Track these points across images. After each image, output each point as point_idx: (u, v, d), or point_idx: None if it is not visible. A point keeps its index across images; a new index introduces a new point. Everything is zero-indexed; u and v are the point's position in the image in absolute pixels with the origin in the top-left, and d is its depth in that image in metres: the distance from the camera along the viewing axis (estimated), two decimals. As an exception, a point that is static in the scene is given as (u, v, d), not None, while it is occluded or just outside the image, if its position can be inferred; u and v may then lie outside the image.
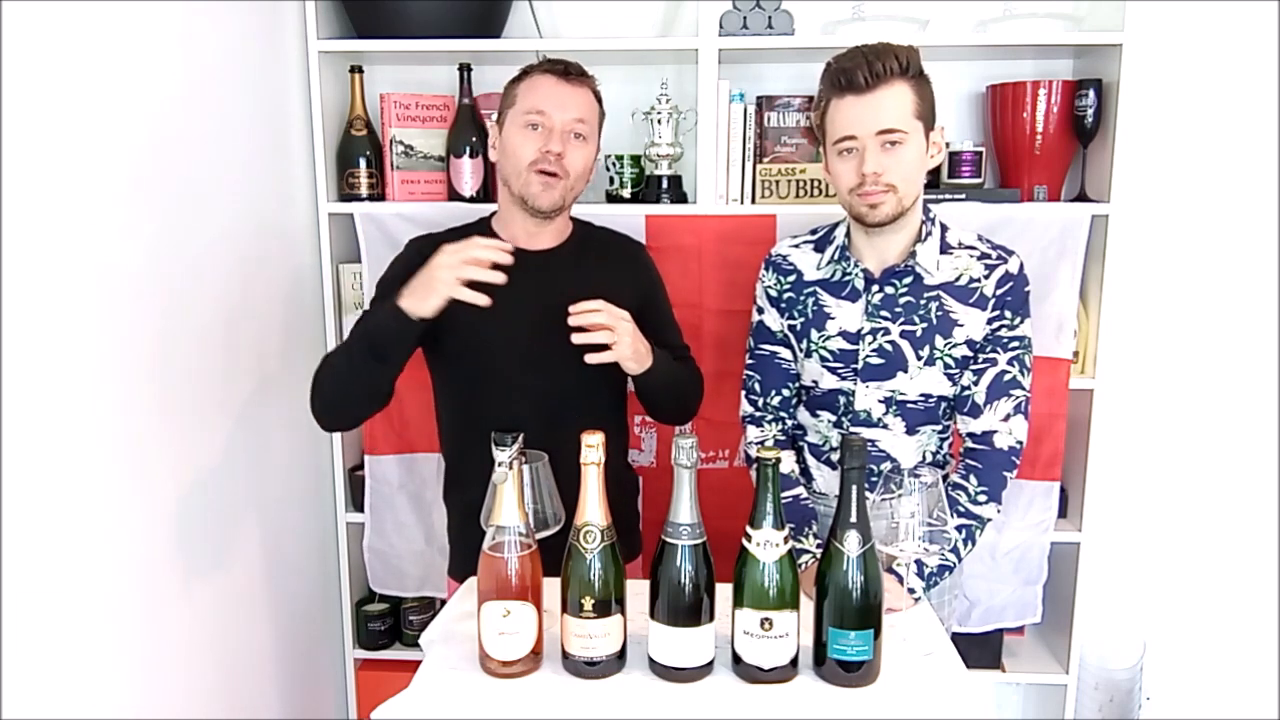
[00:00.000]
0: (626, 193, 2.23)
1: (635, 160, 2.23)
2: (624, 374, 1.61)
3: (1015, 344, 1.60)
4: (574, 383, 1.59)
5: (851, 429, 1.64)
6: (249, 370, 1.89)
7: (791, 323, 1.69)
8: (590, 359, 1.51)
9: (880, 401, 1.63)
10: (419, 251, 1.67)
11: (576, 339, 1.50)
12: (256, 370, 1.92)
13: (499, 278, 1.46)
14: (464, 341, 1.61)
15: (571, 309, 1.51)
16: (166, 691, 1.61)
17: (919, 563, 1.53)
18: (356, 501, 2.33)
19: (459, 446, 1.73)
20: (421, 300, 1.46)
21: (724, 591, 1.27)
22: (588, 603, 1.24)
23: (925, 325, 1.59)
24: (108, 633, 1.45)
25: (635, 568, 1.79)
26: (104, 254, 1.42)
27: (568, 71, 1.61)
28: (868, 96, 1.49)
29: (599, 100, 1.67)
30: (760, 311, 1.73)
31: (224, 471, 1.79)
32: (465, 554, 1.75)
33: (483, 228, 1.72)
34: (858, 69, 1.48)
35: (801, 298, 1.67)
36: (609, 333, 1.50)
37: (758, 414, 1.74)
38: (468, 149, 2.18)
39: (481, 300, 1.45)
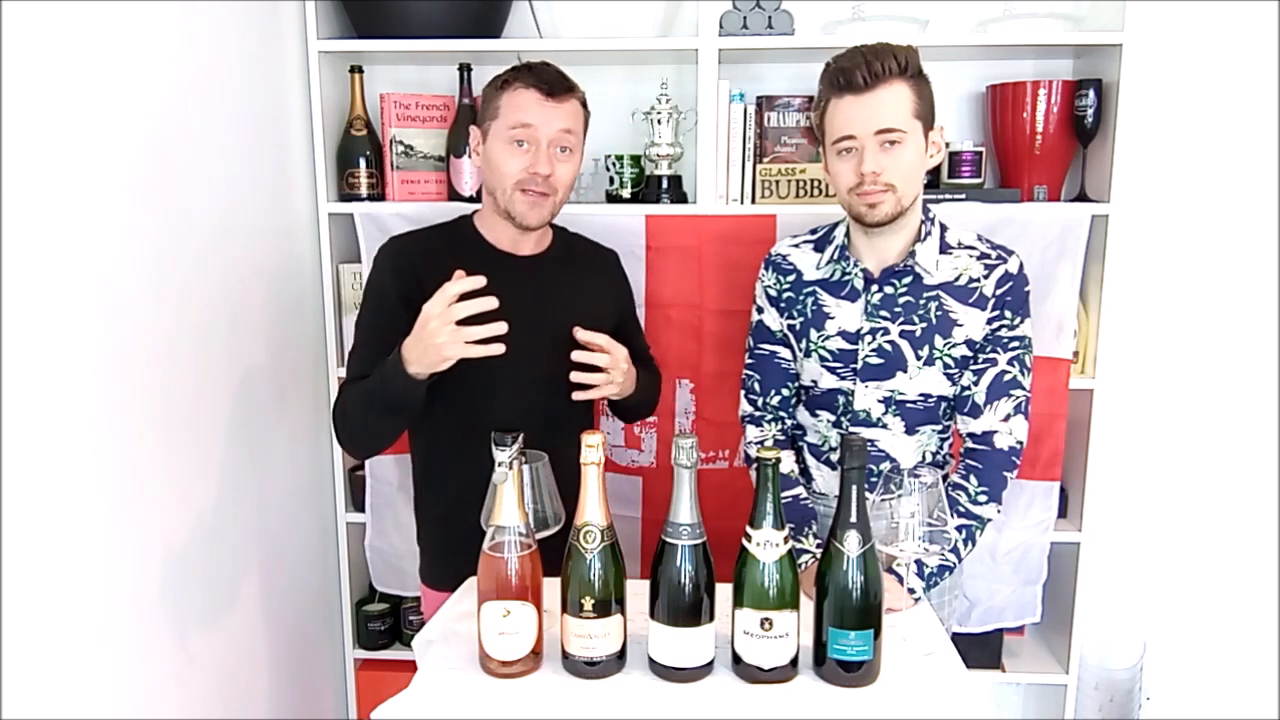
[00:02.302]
0: (626, 193, 2.23)
1: (635, 160, 2.23)
2: None
3: (1015, 344, 1.60)
4: (556, 386, 1.59)
5: (851, 429, 1.64)
6: (249, 370, 1.89)
7: (791, 322, 1.69)
8: (577, 396, 1.56)
9: (879, 401, 1.63)
10: (404, 253, 1.66)
11: (575, 376, 1.55)
12: (256, 370, 1.92)
13: (491, 303, 1.42)
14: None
15: (582, 337, 1.55)
16: (167, 691, 1.61)
17: (919, 563, 1.54)
18: (356, 501, 2.33)
19: (433, 453, 1.71)
20: (430, 367, 1.44)
21: (724, 591, 1.27)
22: (588, 603, 1.24)
23: (925, 325, 1.59)
24: (108, 632, 1.45)
25: None
26: (103, 255, 1.43)
27: (552, 91, 1.56)
28: (866, 96, 1.49)
29: (585, 106, 1.64)
30: (760, 311, 1.73)
31: (224, 472, 1.80)
32: (435, 559, 1.75)
33: (464, 226, 1.71)
34: (856, 69, 1.48)
35: (801, 297, 1.67)
36: (604, 375, 1.56)
37: (757, 414, 1.74)
38: (468, 149, 2.18)
39: (495, 350, 1.43)
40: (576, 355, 1.53)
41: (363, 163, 2.21)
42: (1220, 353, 2.36)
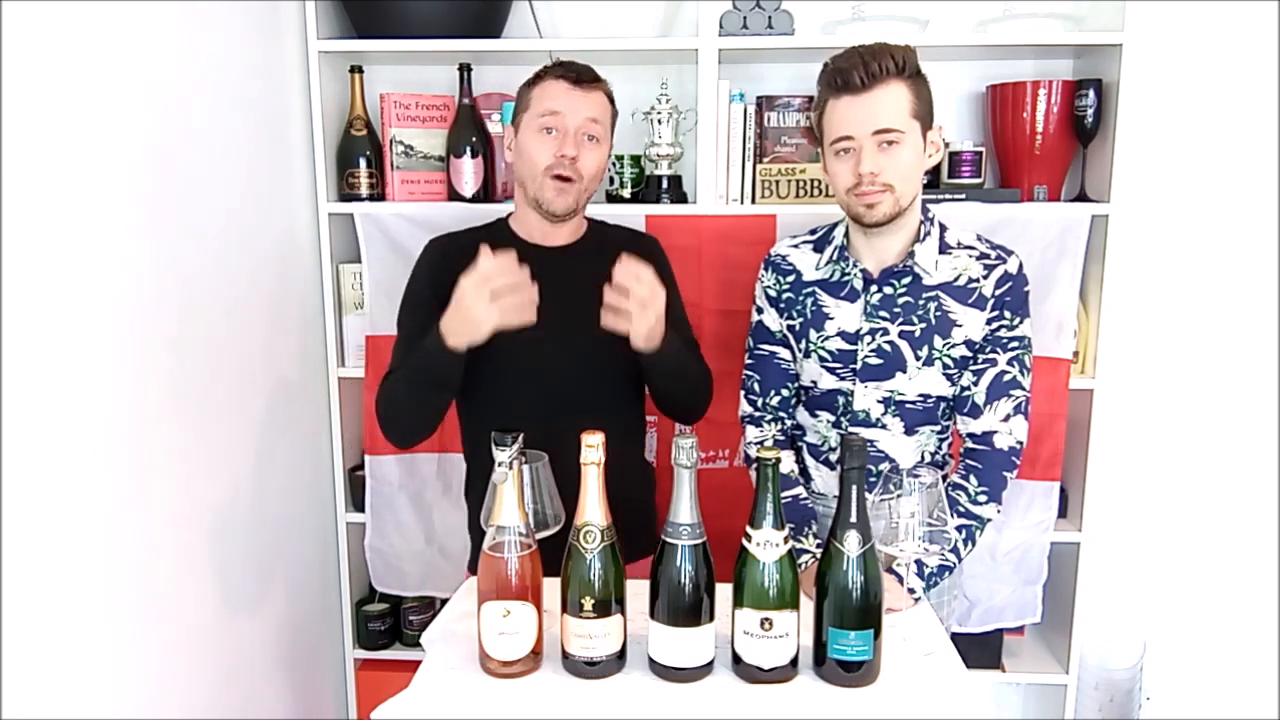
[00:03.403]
0: (626, 193, 2.23)
1: (635, 160, 2.23)
2: (639, 366, 1.61)
3: (1015, 344, 1.60)
4: (593, 378, 1.60)
5: (850, 429, 1.64)
6: (249, 370, 1.89)
7: (790, 323, 1.69)
8: (605, 322, 1.49)
9: (879, 402, 1.63)
10: (441, 252, 1.69)
11: (609, 297, 1.48)
12: (256, 370, 1.92)
13: (523, 275, 1.45)
14: (484, 340, 1.62)
15: (620, 267, 1.47)
16: (167, 691, 1.61)
17: (919, 563, 1.53)
18: (356, 501, 2.33)
19: (479, 442, 1.72)
20: (467, 338, 1.48)
21: (724, 591, 1.27)
22: (588, 603, 1.24)
23: (924, 325, 1.59)
24: (108, 632, 1.45)
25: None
26: (104, 256, 1.42)
27: (580, 79, 1.62)
28: (864, 97, 1.49)
29: (611, 101, 1.68)
30: (759, 311, 1.73)
31: (224, 471, 1.80)
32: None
33: (500, 227, 1.73)
34: (854, 69, 1.48)
35: (800, 298, 1.67)
36: (637, 302, 1.48)
37: (757, 414, 1.74)
38: (468, 149, 2.18)
39: (528, 319, 1.46)
40: (618, 272, 1.47)
41: (363, 163, 2.21)
42: (1220, 353, 2.36)
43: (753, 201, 2.20)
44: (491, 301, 1.43)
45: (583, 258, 1.69)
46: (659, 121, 2.16)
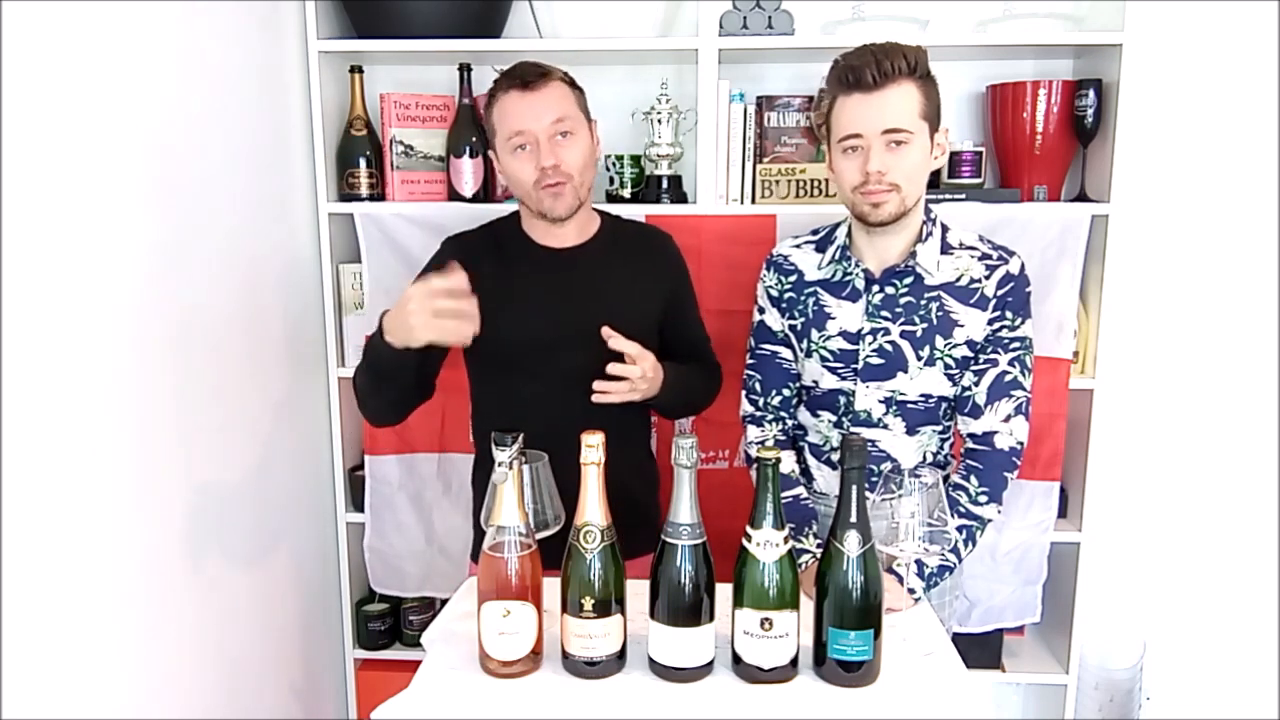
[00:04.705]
0: (626, 193, 2.23)
1: (635, 160, 2.23)
2: None
3: (1016, 344, 1.60)
4: (600, 378, 1.60)
5: (852, 429, 1.64)
6: (249, 370, 1.89)
7: (792, 323, 1.69)
8: (595, 399, 1.55)
9: (880, 402, 1.63)
10: (454, 252, 1.69)
11: (597, 385, 1.54)
12: (256, 370, 1.92)
13: (470, 309, 1.44)
14: (493, 339, 1.62)
15: (615, 345, 1.52)
16: (166, 691, 1.61)
17: (919, 563, 1.53)
18: (356, 501, 2.33)
19: (488, 437, 1.73)
20: (402, 339, 1.48)
21: (724, 591, 1.27)
22: (588, 603, 1.24)
23: (925, 325, 1.59)
24: (108, 633, 1.45)
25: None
26: (103, 256, 1.42)
27: (528, 83, 1.58)
28: (874, 95, 1.48)
29: (572, 84, 1.65)
30: (761, 311, 1.73)
31: (224, 471, 1.79)
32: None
33: (513, 222, 1.73)
34: (866, 67, 1.47)
35: (802, 298, 1.67)
36: (627, 383, 1.54)
37: (758, 414, 1.74)
38: (468, 149, 2.18)
39: (463, 341, 1.46)
40: (612, 367, 1.53)
41: (363, 163, 2.21)
42: (1220, 353, 2.36)
43: (753, 201, 2.20)
44: (433, 317, 1.42)
45: (591, 259, 1.70)
46: (659, 121, 2.16)
